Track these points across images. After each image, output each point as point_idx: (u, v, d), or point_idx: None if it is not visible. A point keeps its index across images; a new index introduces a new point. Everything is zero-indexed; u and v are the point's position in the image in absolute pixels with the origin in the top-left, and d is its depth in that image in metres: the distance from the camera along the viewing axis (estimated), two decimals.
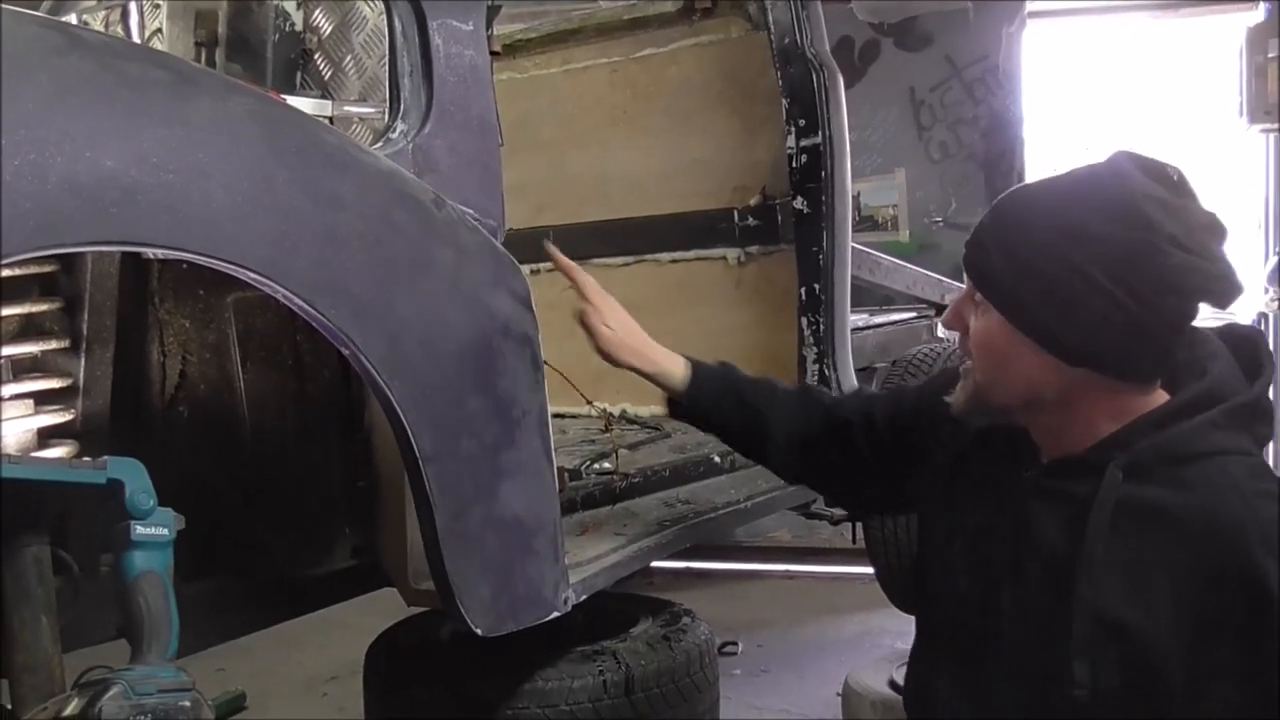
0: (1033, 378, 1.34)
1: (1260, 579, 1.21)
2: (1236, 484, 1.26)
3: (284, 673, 4.13)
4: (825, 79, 2.82)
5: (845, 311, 2.90)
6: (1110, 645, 1.27)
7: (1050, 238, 1.29)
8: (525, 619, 1.68)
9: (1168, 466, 1.29)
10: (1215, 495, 1.26)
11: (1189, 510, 1.26)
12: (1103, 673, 1.27)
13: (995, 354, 1.36)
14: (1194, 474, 1.28)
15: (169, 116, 1.24)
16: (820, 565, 5.34)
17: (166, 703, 1.26)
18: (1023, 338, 1.32)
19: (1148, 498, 1.28)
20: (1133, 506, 1.29)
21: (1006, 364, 1.35)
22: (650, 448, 2.65)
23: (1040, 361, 1.32)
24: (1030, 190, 1.40)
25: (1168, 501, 1.27)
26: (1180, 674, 1.25)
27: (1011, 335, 1.33)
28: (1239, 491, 1.26)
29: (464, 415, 1.56)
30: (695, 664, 2.17)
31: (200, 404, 1.71)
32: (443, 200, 1.59)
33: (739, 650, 4.21)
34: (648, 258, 3.29)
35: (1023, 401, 1.37)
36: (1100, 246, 1.26)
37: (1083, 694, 1.27)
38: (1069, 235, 1.28)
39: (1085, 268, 1.26)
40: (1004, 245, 1.33)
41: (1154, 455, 1.30)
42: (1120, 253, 1.25)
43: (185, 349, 1.69)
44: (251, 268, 1.30)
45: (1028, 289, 1.31)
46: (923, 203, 6.02)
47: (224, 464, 1.75)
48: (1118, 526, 1.28)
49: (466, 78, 1.73)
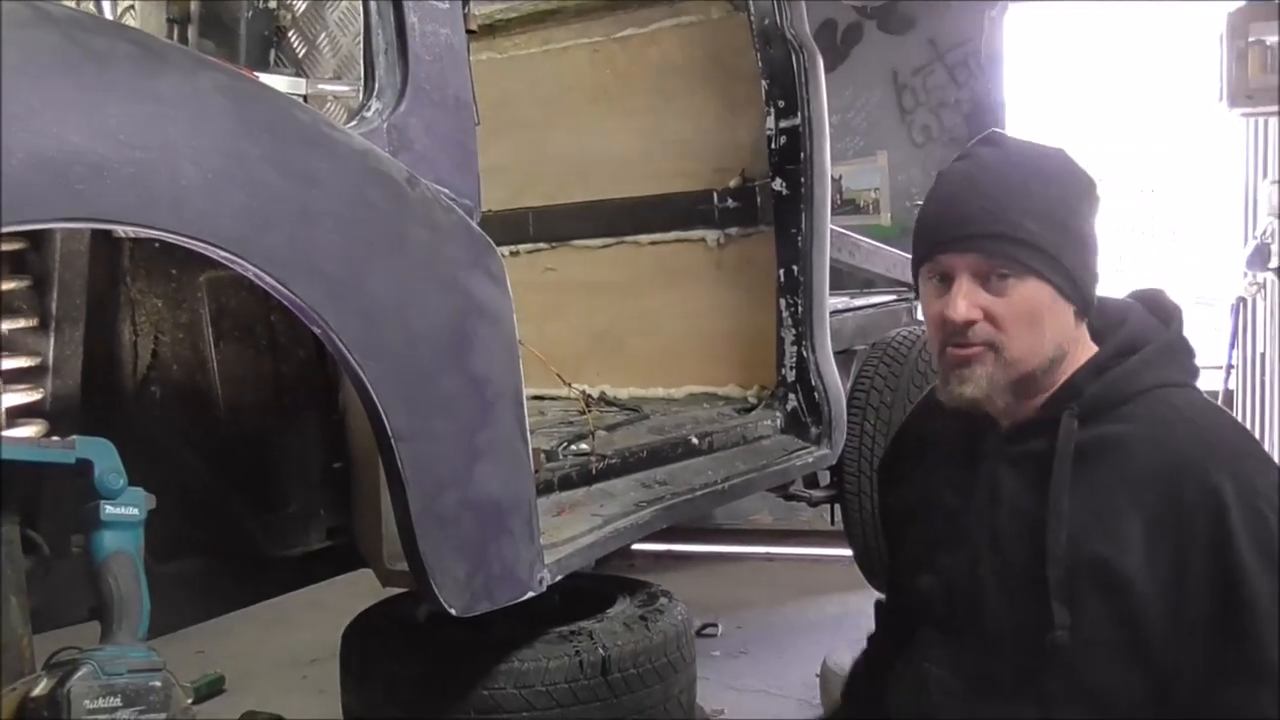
0: (1062, 332, 1.43)
1: (1216, 490, 1.30)
2: (1179, 411, 1.39)
3: (264, 655, 4.12)
4: (805, 60, 2.81)
5: (824, 293, 2.91)
6: (1089, 582, 1.34)
7: (1070, 197, 1.43)
8: (500, 599, 1.68)
9: (1115, 407, 1.40)
10: (1163, 424, 1.37)
11: (1142, 442, 1.36)
12: (1084, 614, 1.33)
13: (1035, 318, 1.41)
14: (1140, 409, 1.40)
15: (137, 92, 1.22)
16: (800, 547, 5.36)
17: (137, 682, 1.26)
18: (1056, 295, 1.41)
19: (1102, 435, 1.38)
20: (1089, 448, 1.39)
21: (1043, 326, 1.41)
22: (628, 429, 2.65)
23: (1067, 316, 1.43)
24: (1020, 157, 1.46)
25: (1121, 434, 1.38)
26: (1160, 601, 1.31)
27: (1050, 296, 1.41)
28: (1183, 417, 1.38)
29: (438, 395, 1.56)
30: (672, 644, 2.17)
31: (173, 384, 1.70)
32: (417, 179, 1.58)
33: (719, 632, 4.22)
34: (628, 239, 3.28)
35: (1050, 360, 1.43)
36: (1090, 203, 1.44)
37: (1063, 635, 1.33)
38: (1082, 194, 1.44)
39: (1089, 215, 1.44)
40: (1039, 214, 1.40)
41: (1102, 399, 1.41)
42: (1092, 198, 1.44)
43: (157, 328, 1.68)
44: (222, 246, 1.29)
45: (1068, 246, 1.41)
46: (905, 186, 6.02)
47: (197, 445, 1.74)
48: (1079, 470, 1.37)
49: (442, 56, 1.72)
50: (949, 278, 1.43)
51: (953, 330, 1.42)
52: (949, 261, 1.43)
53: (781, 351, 2.90)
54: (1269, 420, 5.00)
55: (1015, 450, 1.45)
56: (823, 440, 2.90)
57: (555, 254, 3.41)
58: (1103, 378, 1.42)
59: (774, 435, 2.88)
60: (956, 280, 1.41)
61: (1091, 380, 1.42)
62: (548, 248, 3.42)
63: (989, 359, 1.42)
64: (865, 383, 3.49)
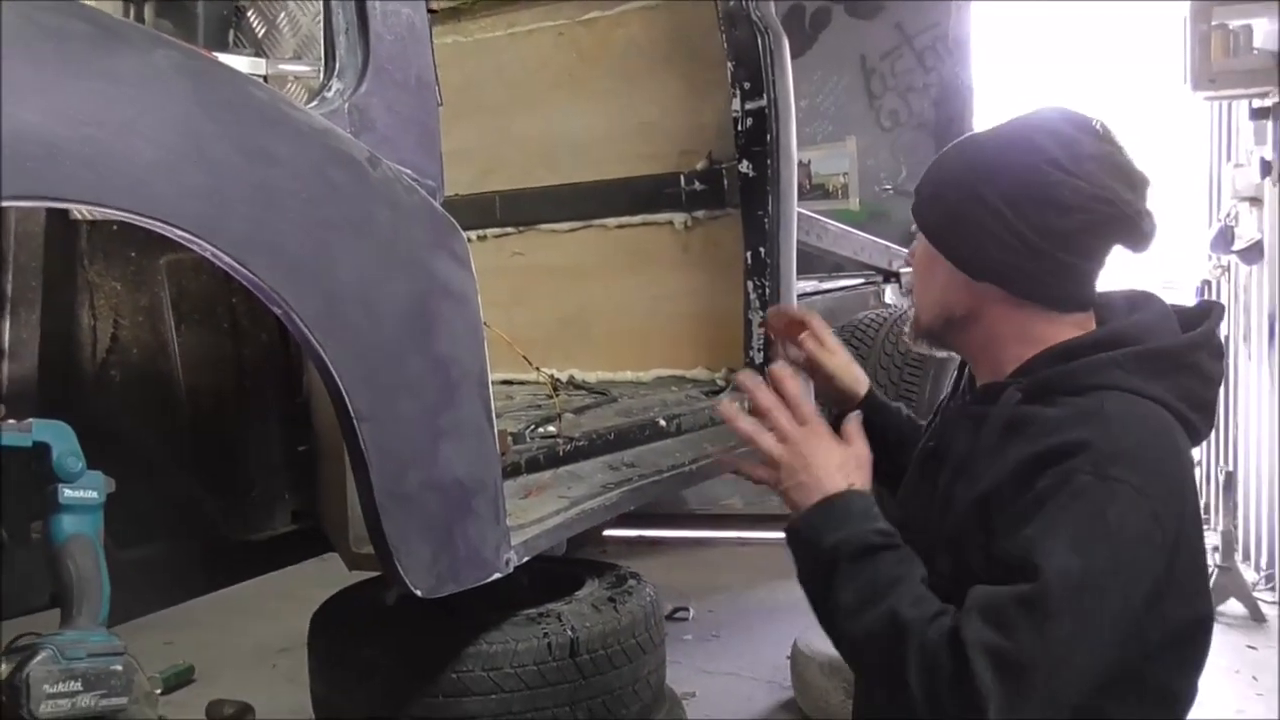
0: (946, 292, 1.50)
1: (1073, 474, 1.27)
2: (1105, 410, 1.33)
3: (233, 645, 4.10)
4: (771, 42, 2.81)
5: (791, 275, 2.91)
6: (974, 523, 1.36)
7: (958, 167, 1.49)
8: (466, 580, 1.67)
9: (1062, 395, 1.38)
10: (1080, 413, 1.34)
11: (1051, 419, 1.35)
12: (966, 566, 1.34)
13: (922, 273, 1.55)
14: (1079, 401, 1.36)
15: (91, 69, 1.21)
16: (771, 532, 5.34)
17: (97, 666, 1.25)
18: (937, 255, 1.50)
19: (1035, 414, 1.38)
20: (1021, 422, 1.38)
21: (928, 281, 1.54)
22: (596, 412, 2.65)
23: (953, 278, 1.48)
24: (966, 137, 1.56)
25: (1043, 415, 1.37)
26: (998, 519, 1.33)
27: (931, 254, 1.51)
28: (1103, 414, 1.32)
29: (401, 376, 1.55)
30: (641, 626, 2.18)
31: (133, 367, 1.68)
32: (379, 160, 1.56)
33: (690, 616, 4.24)
34: (595, 223, 3.28)
35: (942, 318, 1.52)
36: (991, 170, 1.43)
37: (942, 583, 1.34)
38: (971, 165, 1.47)
39: (979, 188, 1.43)
40: (929, 179, 1.53)
41: (1053, 383, 1.40)
42: (1009, 175, 1.41)
43: (117, 311, 1.67)
44: (181, 226, 1.27)
45: (939, 211, 1.50)
46: (873, 170, 6.04)
47: (159, 428, 1.72)
48: (1006, 439, 1.39)
49: (404, 36, 1.71)
50: None
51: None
52: None
53: (749, 334, 2.90)
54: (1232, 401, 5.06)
55: (973, 409, 1.50)
56: None
57: (522, 238, 3.40)
58: (1066, 364, 1.41)
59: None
60: None
61: (1054, 363, 1.42)
62: (515, 232, 3.41)
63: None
64: None
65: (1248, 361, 4.75)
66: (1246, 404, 4.79)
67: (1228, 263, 5.07)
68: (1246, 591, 4.06)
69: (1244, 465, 4.76)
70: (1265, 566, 4.38)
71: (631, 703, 2.12)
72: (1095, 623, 1.23)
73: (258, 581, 2.16)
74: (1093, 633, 1.23)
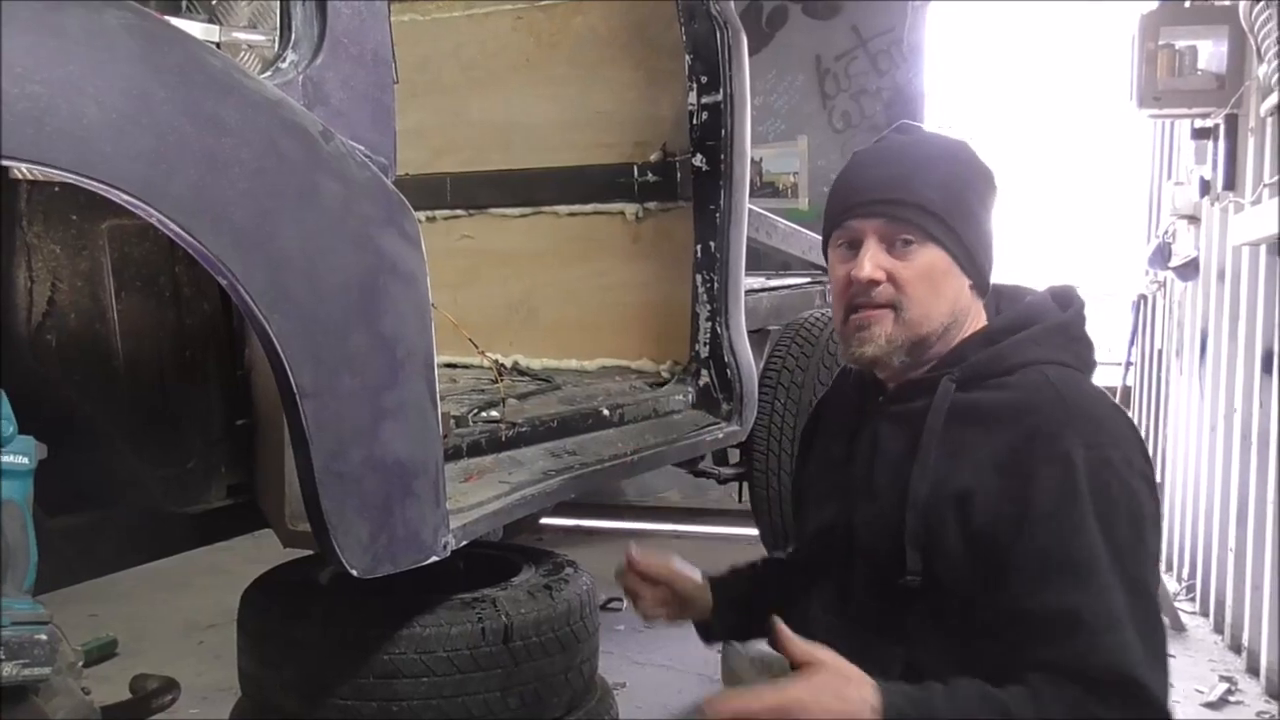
0: (957, 301, 1.52)
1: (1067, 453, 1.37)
2: (1052, 384, 1.44)
3: (160, 619, 4.04)
4: (729, 37, 2.82)
5: (740, 271, 2.92)
6: (948, 518, 1.42)
7: (969, 178, 1.53)
8: (403, 561, 1.66)
9: (995, 376, 1.48)
10: (1031, 390, 1.44)
11: (1010, 405, 1.44)
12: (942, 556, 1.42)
13: (934, 283, 1.51)
14: (1017, 379, 1.47)
15: (36, 24, 1.18)
16: (708, 525, 5.40)
17: (21, 635, 1.23)
18: (953, 264, 1.50)
19: (977, 400, 1.47)
20: (962, 410, 1.47)
21: (940, 290, 1.51)
22: (540, 399, 2.64)
23: (962, 286, 1.53)
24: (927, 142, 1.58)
25: (994, 399, 1.46)
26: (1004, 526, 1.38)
27: (947, 263, 1.50)
28: (1054, 387, 1.44)
29: (345, 352, 1.53)
30: (575, 614, 2.17)
31: (70, 333, 1.65)
32: (331, 133, 1.55)
33: (623, 606, 4.24)
34: (546, 210, 3.26)
35: (944, 326, 1.52)
36: (988, 189, 1.54)
37: (914, 580, 1.44)
38: (980, 179, 1.54)
39: (986, 198, 1.54)
40: (939, 185, 1.50)
41: (984, 368, 1.49)
42: (991, 186, 1.55)
43: (55, 275, 1.63)
44: (125, 189, 1.25)
45: (965, 220, 1.50)
46: (824, 171, 6.08)
47: (94, 395, 1.69)
48: (949, 429, 1.46)
49: (361, 10, 1.69)
50: (857, 243, 1.52)
51: (858, 290, 1.51)
52: (858, 226, 1.52)
53: (696, 327, 2.91)
54: (1163, 414, 5.17)
55: (898, 409, 1.55)
56: (733, 416, 2.92)
57: (472, 221, 3.38)
58: (990, 348, 1.50)
59: (685, 410, 2.89)
60: (864, 243, 1.51)
61: (979, 349, 1.51)
62: (465, 215, 3.39)
63: (889, 319, 1.51)
64: (777, 362, 3.53)
65: (1179, 376, 4.85)
66: (1175, 417, 4.88)
67: (1164, 278, 5.17)
68: (1168, 602, 4.15)
69: (1170, 477, 4.86)
70: (1187, 577, 4.48)
71: (563, 691, 2.12)
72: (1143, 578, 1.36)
73: (189, 555, 2.13)
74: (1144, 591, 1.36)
